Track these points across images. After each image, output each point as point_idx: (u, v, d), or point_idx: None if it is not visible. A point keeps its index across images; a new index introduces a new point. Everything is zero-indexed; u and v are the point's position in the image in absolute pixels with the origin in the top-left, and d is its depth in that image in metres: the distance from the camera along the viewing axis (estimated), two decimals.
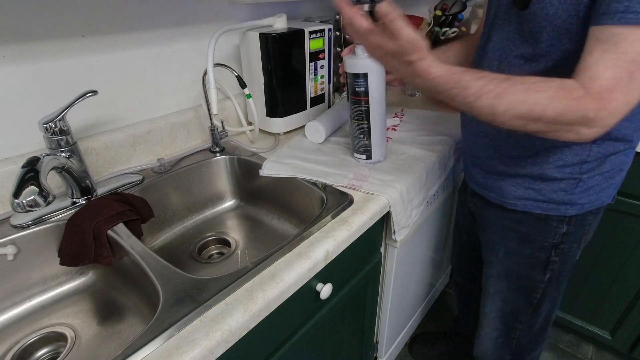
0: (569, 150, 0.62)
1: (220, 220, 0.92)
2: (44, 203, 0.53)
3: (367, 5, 1.13)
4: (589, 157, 0.62)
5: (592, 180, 0.64)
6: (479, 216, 0.84)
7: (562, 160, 0.64)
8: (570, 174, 0.64)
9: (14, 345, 0.61)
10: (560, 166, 0.64)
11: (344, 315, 0.83)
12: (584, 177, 0.64)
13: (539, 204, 0.69)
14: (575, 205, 0.67)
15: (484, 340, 0.91)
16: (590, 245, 1.13)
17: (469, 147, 0.79)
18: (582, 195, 0.66)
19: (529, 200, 0.69)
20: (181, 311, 0.49)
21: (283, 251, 0.59)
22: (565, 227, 0.69)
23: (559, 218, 0.69)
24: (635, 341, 1.17)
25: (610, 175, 0.65)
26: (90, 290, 0.71)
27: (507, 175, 0.71)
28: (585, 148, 0.61)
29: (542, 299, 0.78)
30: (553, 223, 0.70)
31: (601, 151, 0.62)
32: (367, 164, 0.85)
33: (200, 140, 0.97)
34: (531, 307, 0.79)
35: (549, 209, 0.68)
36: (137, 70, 0.83)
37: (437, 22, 1.35)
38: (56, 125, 0.64)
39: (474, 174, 0.79)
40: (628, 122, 0.59)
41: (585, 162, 0.63)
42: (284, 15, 0.92)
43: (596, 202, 0.67)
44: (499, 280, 0.81)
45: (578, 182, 0.64)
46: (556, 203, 0.67)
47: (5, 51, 0.65)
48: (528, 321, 0.82)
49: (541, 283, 0.76)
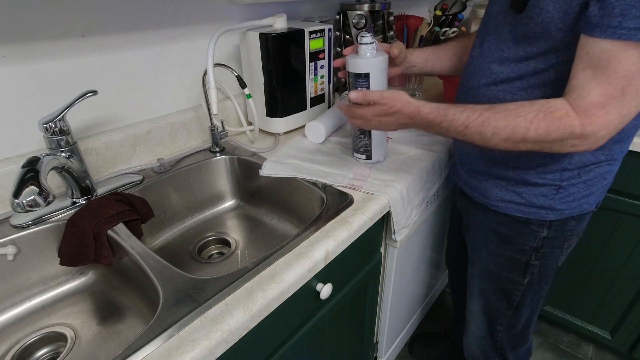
0: (550, 158, 0.63)
1: (220, 220, 0.92)
2: (44, 203, 0.53)
3: (367, 5, 1.13)
4: (569, 165, 0.63)
5: (573, 188, 0.65)
6: (465, 215, 0.86)
7: (543, 167, 0.64)
8: (551, 181, 0.65)
9: (14, 345, 0.61)
10: (541, 172, 0.65)
11: (344, 315, 0.83)
12: (564, 184, 0.65)
13: (520, 207, 0.69)
14: (555, 211, 0.67)
15: (471, 339, 0.92)
16: (590, 245, 1.13)
17: (457, 146, 0.80)
18: (562, 201, 0.66)
19: (511, 203, 0.70)
20: (181, 311, 0.49)
21: (283, 251, 0.59)
22: (545, 232, 0.70)
23: (539, 222, 0.69)
24: (635, 341, 1.17)
25: (592, 184, 0.65)
26: (90, 290, 0.71)
27: (490, 176, 0.72)
28: (565, 156, 0.62)
29: (522, 301, 0.78)
30: (533, 227, 0.70)
31: (582, 160, 0.62)
32: (367, 164, 0.85)
33: (200, 140, 0.97)
34: (511, 308, 0.80)
35: (529, 213, 0.69)
36: (137, 70, 0.83)
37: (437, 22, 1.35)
38: (56, 125, 0.64)
39: (462, 173, 0.80)
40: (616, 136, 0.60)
41: (566, 170, 0.64)
42: (284, 15, 0.92)
43: (577, 209, 0.68)
44: (481, 280, 0.82)
45: (558, 188, 0.65)
46: (536, 207, 0.68)
47: (5, 51, 0.65)
48: (508, 322, 0.82)
49: (520, 285, 0.76)
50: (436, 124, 0.61)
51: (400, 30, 1.39)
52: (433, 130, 0.63)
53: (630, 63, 0.47)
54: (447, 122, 0.60)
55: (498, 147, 0.57)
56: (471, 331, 0.90)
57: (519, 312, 0.80)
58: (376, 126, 0.70)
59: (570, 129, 0.52)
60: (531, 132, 0.53)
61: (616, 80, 0.48)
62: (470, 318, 0.89)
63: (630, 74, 0.48)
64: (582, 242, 1.13)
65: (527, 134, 0.54)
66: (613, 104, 0.49)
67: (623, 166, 0.97)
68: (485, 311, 0.84)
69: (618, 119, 0.50)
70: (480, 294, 0.84)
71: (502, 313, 0.82)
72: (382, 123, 0.68)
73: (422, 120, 0.63)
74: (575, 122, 0.51)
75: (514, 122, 0.54)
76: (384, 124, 0.68)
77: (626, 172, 0.98)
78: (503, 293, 0.79)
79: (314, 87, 1.00)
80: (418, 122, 0.64)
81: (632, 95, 0.49)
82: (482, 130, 0.57)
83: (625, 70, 0.48)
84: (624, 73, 0.48)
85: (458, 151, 0.80)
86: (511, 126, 0.55)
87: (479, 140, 0.58)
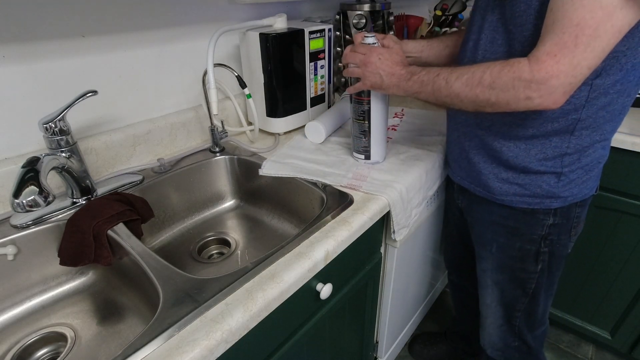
0: (549, 143, 0.65)
1: (220, 220, 0.92)
2: (44, 203, 0.53)
3: (367, 5, 1.13)
4: (568, 149, 0.65)
5: (573, 174, 0.67)
6: (467, 213, 0.86)
7: (543, 153, 0.66)
8: (552, 168, 0.67)
9: (14, 345, 0.61)
10: (541, 159, 0.67)
11: (344, 315, 0.83)
12: (565, 170, 0.67)
13: (525, 199, 0.71)
14: (559, 198, 0.70)
15: (490, 330, 0.92)
16: (590, 245, 1.13)
17: (456, 140, 0.80)
18: (565, 188, 0.69)
19: (515, 195, 0.72)
20: (181, 311, 0.49)
21: (283, 251, 0.59)
22: (551, 219, 0.72)
23: (545, 211, 0.71)
24: (635, 341, 1.17)
25: (589, 169, 0.68)
26: (90, 290, 0.71)
27: (492, 169, 0.73)
28: (564, 140, 0.64)
29: (537, 288, 0.80)
30: (539, 216, 0.72)
31: (579, 143, 0.64)
32: (366, 164, 0.85)
33: (200, 140, 0.97)
34: (527, 296, 0.82)
35: (534, 203, 0.71)
36: (137, 70, 0.83)
37: (437, 22, 1.35)
38: (56, 125, 0.64)
39: (461, 169, 0.81)
40: (604, 111, 0.62)
41: (566, 155, 0.66)
42: (284, 15, 0.92)
43: (579, 195, 0.70)
44: (495, 273, 0.83)
45: (559, 175, 0.67)
46: (541, 197, 0.70)
47: (6, 51, 0.65)
48: (526, 309, 0.84)
49: (534, 274, 0.78)
50: (417, 72, 0.67)
51: (400, 30, 1.39)
52: (413, 81, 0.67)
53: (585, 11, 0.48)
54: (425, 71, 0.66)
55: (460, 94, 0.61)
56: (489, 322, 0.91)
57: (535, 298, 0.82)
58: (373, 61, 0.71)
59: (518, 73, 0.54)
60: (486, 75, 0.57)
61: (570, 28, 0.49)
62: (486, 310, 0.90)
63: (584, 22, 0.48)
64: (582, 242, 1.13)
65: (483, 77, 0.58)
66: (564, 52, 0.50)
67: (623, 166, 0.97)
68: (502, 301, 0.86)
69: (569, 69, 0.51)
70: (494, 286, 0.85)
71: (518, 300, 0.83)
72: (379, 61, 0.70)
73: (409, 70, 0.69)
74: (525, 68, 0.53)
75: (475, 69, 0.60)
76: (380, 63, 0.70)
77: (626, 172, 0.99)
78: (517, 282, 0.81)
79: (314, 87, 1.00)
80: (406, 71, 0.69)
81: (584, 45, 0.49)
82: (449, 76, 0.62)
83: (579, 18, 0.48)
84: (577, 21, 0.49)
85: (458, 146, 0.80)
86: (472, 70, 0.60)
87: (444, 87, 0.63)
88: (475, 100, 0.60)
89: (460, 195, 0.86)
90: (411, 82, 0.68)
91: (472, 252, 0.90)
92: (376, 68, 0.70)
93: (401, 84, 0.69)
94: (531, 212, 0.72)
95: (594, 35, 0.49)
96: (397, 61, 0.70)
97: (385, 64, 0.70)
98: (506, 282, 0.82)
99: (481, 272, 0.87)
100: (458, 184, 0.84)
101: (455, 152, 0.81)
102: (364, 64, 0.72)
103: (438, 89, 0.64)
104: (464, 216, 0.89)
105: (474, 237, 0.86)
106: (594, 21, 0.48)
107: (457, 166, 0.82)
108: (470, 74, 0.60)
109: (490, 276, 0.85)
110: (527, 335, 0.88)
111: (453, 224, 1.00)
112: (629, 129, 0.95)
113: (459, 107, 0.64)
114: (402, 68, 0.69)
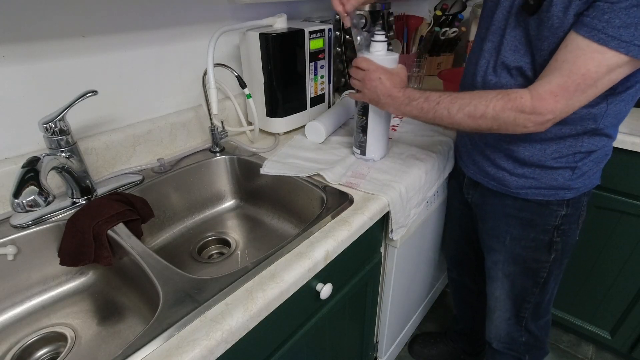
0: (564, 143, 0.68)
1: (220, 220, 0.92)
2: (44, 203, 0.53)
3: (367, 5, 1.13)
4: (581, 148, 0.69)
5: (586, 167, 0.71)
6: (478, 207, 0.86)
7: (558, 152, 0.70)
8: (566, 163, 0.70)
9: (14, 345, 0.61)
10: (556, 157, 0.70)
11: (344, 315, 0.83)
12: (578, 164, 0.70)
13: (540, 191, 0.73)
14: (572, 190, 0.72)
15: (497, 323, 0.93)
16: (590, 245, 1.13)
17: (469, 136, 0.81)
18: (579, 180, 0.72)
19: (530, 188, 0.74)
20: (181, 311, 0.49)
21: (283, 251, 0.59)
22: (564, 210, 0.75)
23: (559, 202, 0.74)
24: (635, 341, 1.17)
25: (598, 160, 0.72)
26: (90, 290, 0.71)
27: (507, 165, 0.75)
28: (578, 140, 0.68)
29: (548, 278, 0.82)
30: (553, 207, 0.75)
31: (593, 143, 0.68)
32: (361, 159, 0.86)
33: (200, 140, 0.97)
34: (538, 286, 0.83)
35: (549, 195, 0.73)
36: (137, 70, 0.83)
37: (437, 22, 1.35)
38: (56, 125, 0.64)
39: (474, 164, 0.81)
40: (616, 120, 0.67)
41: (579, 153, 0.69)
42: (284, 15, 0.92)
43: (589, 185, 0.74)
44: (507, 265, 0.84)
45: (574, 169, 0.71)
46: (555, 189, 0.72)
47: (5, 51, 0.65)
48: (535, 300, 0.86)
49: (547, 263, 0.80)
50: (416, 98, 0.70)
51: (400, 30, 1.39)
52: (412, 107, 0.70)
53: (592, 65, 0.54)
54: (424, 97, 0.69)
55: (462, 123, 0.65)
56: (497, 316, 0.92)
57: (545, 288, 0.84)
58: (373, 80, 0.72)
59: (521, 107, 0.60)
60: (489, 109, 0.62)
61: (575, 75, 0.55)
62: (494, 303, 0.91)
63: (588, 74, 0.54)
64: (583, 242, 1.13)
65: (486, 111, 0.62)
66: (565, 95, 0.57)
67: (623, 166, 0.97)
68: (511, 293, 0.87)
69: (564, 108, 0.58)
70: (504, 278, 0.86)
71: (529, 292, 0.85)
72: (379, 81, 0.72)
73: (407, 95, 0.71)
74: (527, 103, 0.59)
75: (477, 101, 0.63)
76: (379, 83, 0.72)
77: (627, 172, 0.99)
78: (530, 272, 0.82)
79: (314, 87, 1.00)
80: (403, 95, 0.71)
81: (582, 91, 0.56)
82: (450, 106, 0.66)
83: (586, 69, 0.54)
84: (584, 71, 0.54)
85: (470, 141, 0.82)
86: (474, 104, 0.63)
87: (446, 116, 0.66)
88: (477, 128, 0.65)
89: (471, 189, 0.87)
90: (410, 107, 0.70)
91: (474, 248, 0.91)
92: (374, 88, 0.72)
93: (400, 108, 0.72)
94: (546, 204, 0.74)
95: (592, 85, 0.55)
96: (396, 83, 0.72)
97: (385, 85, 0.72)
98: (518, 274, 0.84)
99: (492, 264, 0.88)
100: (470, 177, 0.85)
101: (467, 147, 0.83)
102: (364, 81, 0.74)
103: (440, 118, 0.67)
104: (471, 211, 0.89)
105: (486, 230, 0.86)
106: (597, 75, 0.54)
107: (470, 161, 0.83)
108: (472, 107, 0.63)
109: (501, 268, 0.86)
110: (532, 325, 0.90)
111: (456, 221, 1.01)
112: (629, 129, 0.95)
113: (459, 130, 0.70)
114: (400, 91, 0.71)
